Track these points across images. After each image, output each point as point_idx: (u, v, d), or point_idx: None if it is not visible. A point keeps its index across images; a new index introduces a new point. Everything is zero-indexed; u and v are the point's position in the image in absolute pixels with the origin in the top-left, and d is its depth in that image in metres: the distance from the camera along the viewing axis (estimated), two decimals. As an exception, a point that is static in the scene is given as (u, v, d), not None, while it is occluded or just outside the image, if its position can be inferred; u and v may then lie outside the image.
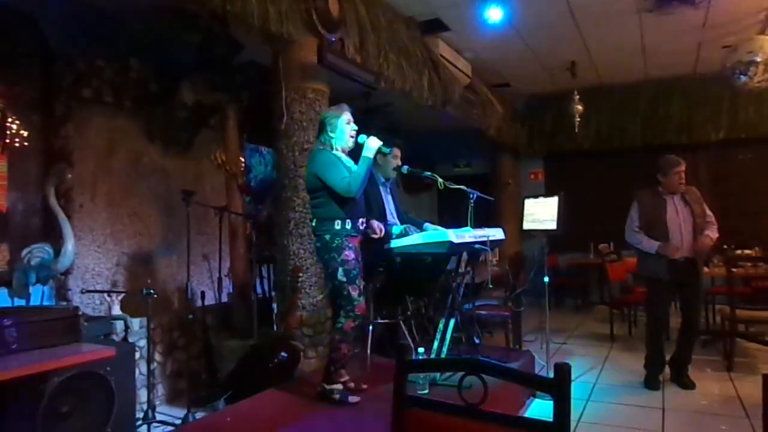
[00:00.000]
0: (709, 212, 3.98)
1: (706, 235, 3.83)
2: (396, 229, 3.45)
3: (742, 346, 4.70)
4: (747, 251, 5.35)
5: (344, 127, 2.96)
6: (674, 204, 3.96)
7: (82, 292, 3.60)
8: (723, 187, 7.08)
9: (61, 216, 3.53)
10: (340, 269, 2.84)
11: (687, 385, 3.92)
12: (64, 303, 3.69)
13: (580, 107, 6.48)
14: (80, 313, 2.42)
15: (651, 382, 3.99)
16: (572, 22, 5.25)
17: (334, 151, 2.94)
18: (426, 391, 2.97)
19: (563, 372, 1.03)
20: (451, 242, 3.02)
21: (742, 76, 4.54)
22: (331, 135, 2.94)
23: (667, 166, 3.96)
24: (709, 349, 4.91)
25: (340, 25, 3.87)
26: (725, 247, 5.27)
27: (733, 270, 4.49)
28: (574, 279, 7.63)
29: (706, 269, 4.98)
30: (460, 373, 1.18)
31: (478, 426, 1.13)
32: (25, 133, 3.70)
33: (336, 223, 2.86)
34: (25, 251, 3.41)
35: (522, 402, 3.66)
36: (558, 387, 1.03)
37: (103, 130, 3.99)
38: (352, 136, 2.98)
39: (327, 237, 2.86)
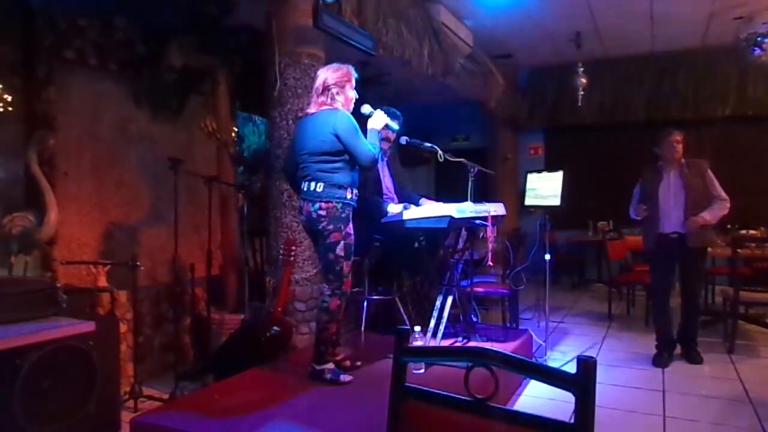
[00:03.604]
0: (717, 188, 3.85)
1: (698, 216, 3.76)
2: (392, 208, 3.33)
3: (742, 329, 4.64)
4: (751, 231, 5.24)
5: (351, 92, 2.79)
6: (669, 178, 3.93)
7: (61, 264, 3.46)
8: (727, 165, 6.86)
9: (44, 184, 3.37)
10: (342, 243, 2.68)
11: (693, 358, 3.89)
12: (49, 274, 3.56)
13: (584, 80, 6.28)
14: (58, 284, 2.30)
15: (657, 360, 3.96)
16: (580, -11, 5.03)
17: None
18: (421, 371, 2.88)
19: (588, 367, 0.90)
20: (451, 217, 2.90)
21: (756, 49, 4.34)
22: (339, 99, 2.74)
23: (661, 136, 3.97)
24: (709, 330, 4.84)
25: (337, -15, 3.65)
26: (729, 226, 5.17)
27: (738, 251, 4.39)
28: (572, 256, 7.55)
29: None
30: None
31: (485, 423, 1.01)
32: (9, 98, 3.51)
33: (347, 191, 2.70)
34: (5, 219, 3.26)
35: (518, 381, 3.59)
36: (582, 384, 0.90)
37: (87, 93, 3.79)
38: (352, 103, 2.83)
39: (338, 205, 2.67)
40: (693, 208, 3.81)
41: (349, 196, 2.71)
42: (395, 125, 3.23)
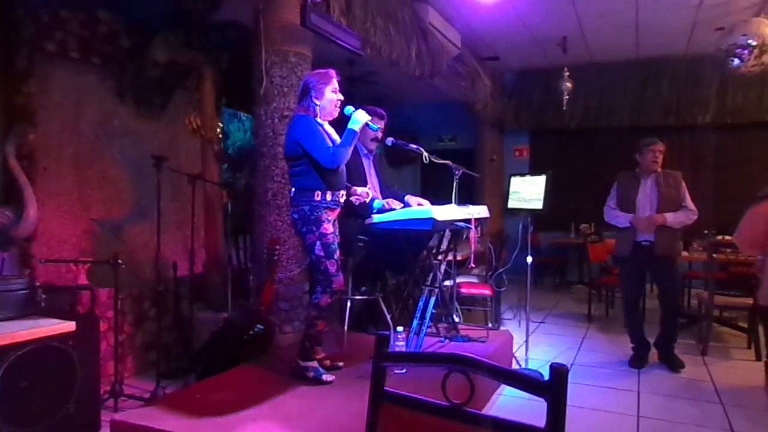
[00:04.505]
0: (688, 199, 3.94)
1: (660, 214, 3.84)
2: (377, 203, 3.34)
3: (716, 331, 4.75)
4: (727, 237, 5.34)
5: (331, 94, 2.80)
6: (646, 185, 4.01)
7: (40, 263, 3.41)
8: (707, 171, 7.07)
9: (23, 179, 3.32)
10: (318, 243, 2.72)
11: (675, 364, 3.94)
12: (27, 271, 3.51)
13: (569, 84, 6.34)
14: (37, 283, 2.27)
15: (633, 361, 4.05)
16: (567, -6, 5.09)
17: (318, 119, 2.80)
18: (404, 371, 2.91)
19: (560, 375, 0.93)
20: (434, 219, 2.92)
21: (735, 60, 4.45)
22: (316, 102, 2.77)
23: (643, 145, 4.02)
24: (683, 333, 4.93)
25: (325, -16, 3.65)
26: (705, 232, 5.27)
27: (714, 255, 4.49)
28: (554, 257, 7.64)
29: (685, 253, 4.98)
30: (441, 349, 1.08)
31: (461, 427, 1.04)
32: (-15, 89, 3.45)
33: (316, 194, 2.73)
34: (-18, 215, 3.21)
35: (496, 385, 3.63)
36: (554, 391, 0.93)
37: (69, 87, 3.73)
38: (336, 106, 2.83)
39: (306, 208, 2.73)
40: None
41: (318, 198, 2.73)
42: (375, 125, 3.23)
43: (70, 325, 2.26)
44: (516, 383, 0.99)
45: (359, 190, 3.10)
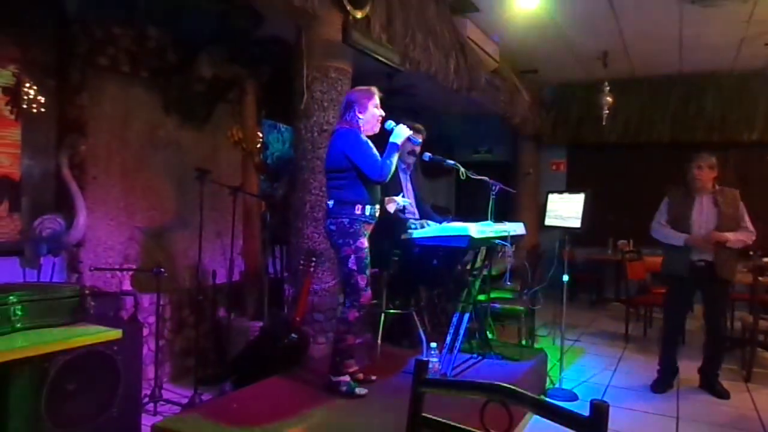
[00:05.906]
0: (747, 220, 3.78)
1: (722, 233, 3.67)
2: (410, 224, 3.36)
3: (760, 357, 4.56)
4: (775, 258, 5.15)
5: (373, 109, 2.85)
6: (702, 203, 3.84)
7: (90, 270, 3.55)
8: (751, 190, 6.81)
9: (74, 187, 3.47)
10: (353, 257, 2.75)
11: (720, 393, 3.81)
12: (76, 275, 3.66)
13: (609, 99, 6.25)
14: (87, 292, 2.37)
15: (656, 386, 3.93)
16: (610, 10, 5.02)
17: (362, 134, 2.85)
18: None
19: (601, 412, 0.93)
20: (471, 237, 2.92)
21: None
22: (360, 116, 2.82)
23: (690, 160, 3.87)
24: (727, 357, 4.75)
25: (367, 1, 3.71)
26: (751, 253, 5.09)
27: (759, 278, 4.33)
28: (590, 274, 7.48)
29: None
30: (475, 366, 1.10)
31: (500, 458, 1.04)
32: (42, 99, 3.62)
33: (357, 207, 2.76)
34: (36, 222, 3.37)
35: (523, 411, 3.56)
36: (594, 427, 0.93)
37: (118, 100, 3.90)
38: (378, 121, 2.88)
39: (346, 221, 2.75)
40: None
41: (358, 212, 2.75)
42: (418, 138, 3.25)
43: (117, 333, 2.35)
44: (555, 417, 0.99)
45: (398, 198, 3.15)
